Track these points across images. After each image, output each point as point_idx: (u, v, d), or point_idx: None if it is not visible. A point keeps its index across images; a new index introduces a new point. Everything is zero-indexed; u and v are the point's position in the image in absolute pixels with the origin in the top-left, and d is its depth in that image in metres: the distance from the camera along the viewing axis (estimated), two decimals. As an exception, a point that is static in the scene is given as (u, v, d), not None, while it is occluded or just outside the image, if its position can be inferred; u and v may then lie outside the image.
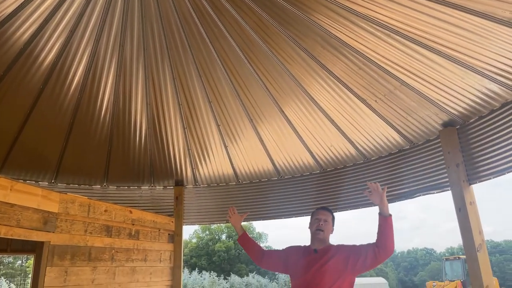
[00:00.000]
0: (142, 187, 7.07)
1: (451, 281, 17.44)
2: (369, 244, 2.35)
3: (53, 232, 4.23)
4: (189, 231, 65.06)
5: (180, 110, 6.09)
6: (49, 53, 4.80)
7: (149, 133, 6.36)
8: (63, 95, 5.38)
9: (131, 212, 5.56)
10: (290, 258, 2.60)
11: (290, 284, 2.55)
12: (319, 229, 2.50)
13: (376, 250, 2.28)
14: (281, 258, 2.67)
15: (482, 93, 4.19)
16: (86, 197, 4.90)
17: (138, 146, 6.45)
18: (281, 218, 6.90)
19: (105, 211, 5.04)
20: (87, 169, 6.52)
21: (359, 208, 6.11)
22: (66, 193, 4.57)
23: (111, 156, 6.44)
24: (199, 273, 32.87)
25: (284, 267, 2.63)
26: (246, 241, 2.81)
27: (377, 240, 2.31)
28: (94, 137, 6.10)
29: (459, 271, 18.06)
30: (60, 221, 4.34)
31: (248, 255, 2.81)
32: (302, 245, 2.65)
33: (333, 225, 2.58)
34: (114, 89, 5.54)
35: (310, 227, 2.58)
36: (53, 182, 6.48)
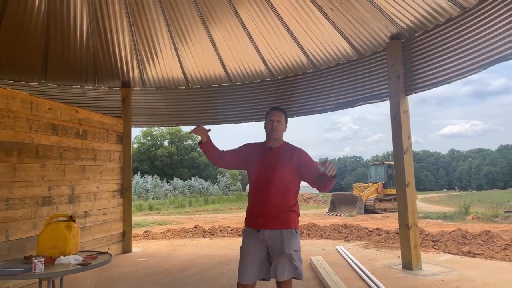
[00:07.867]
0: (85, 87, 6.73)
1: (374, 183, 19.82)
2: (316, 172, 2.63)
3: (-4, 128, 4.04)
4: (130, 137, 64.06)
5: (125, 3, 5.61)
6: None
7: (91, 28, 5.85)
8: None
9: (77, 111, 5.38)
10: (248, 154, 2.78)
11: (248, 180, 2.76)
12: (272, 130, 2.71)
13: (316, 184, 2.63)
14: (237, 155, 2.85)
15: (431, 7, 4.37)
16: (28, 93, 4.61)
17: (80, 41, 5.96)
18: (230, 123, 7.12)
19: (49, 109, 4.82)
20: (22, 64, 5.98)
21: (306, 115, 6.47)
22: (5, 88, 4.26)
23: (49, 51, 5.92)
24: (142, 177, 33.51)
25: (242, 162, 2.82)
26: (209, 147, 2.88)
27: (319, 180, 2.59)
28: (29, 28, 5.50)
29: (382, 175, 20.45)
30: (2, 117, 4.11)
31: (208, 158, 2.89)
32: (258, 142, 2.83)
33: (286, 123, 2.82)
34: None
35: (265, 127, 2.77)
36: (-17, 77, 5.92)
